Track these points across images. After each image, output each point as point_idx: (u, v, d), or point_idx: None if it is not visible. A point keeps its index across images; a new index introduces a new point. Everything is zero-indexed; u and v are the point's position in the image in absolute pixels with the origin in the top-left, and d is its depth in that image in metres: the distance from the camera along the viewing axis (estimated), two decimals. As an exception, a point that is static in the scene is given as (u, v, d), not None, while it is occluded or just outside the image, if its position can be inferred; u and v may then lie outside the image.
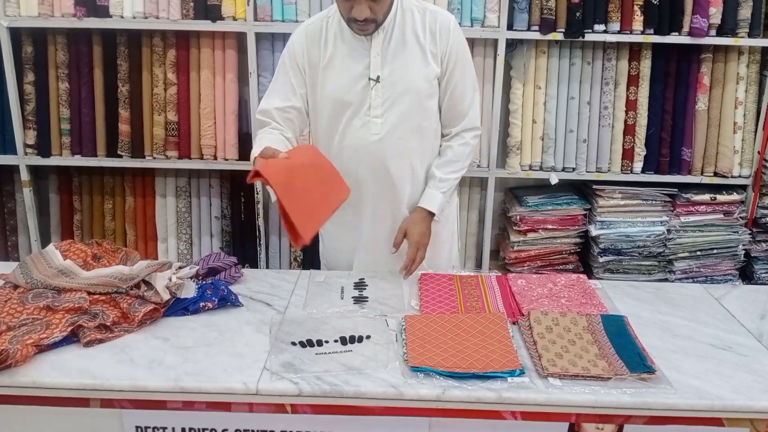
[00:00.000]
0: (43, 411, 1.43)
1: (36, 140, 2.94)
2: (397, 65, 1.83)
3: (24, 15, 2.79)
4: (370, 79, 1.83)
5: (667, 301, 1.82)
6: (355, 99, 1.85)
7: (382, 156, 1.89)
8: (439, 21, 1.85)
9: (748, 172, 2.92)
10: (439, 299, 1.76)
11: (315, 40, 1.87)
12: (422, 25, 1.85)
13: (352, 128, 1.87)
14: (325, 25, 1.87)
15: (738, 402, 1.37)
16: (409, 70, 1.84)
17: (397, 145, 1.89)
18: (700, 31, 2.74)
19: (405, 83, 1.84)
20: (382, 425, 1.41)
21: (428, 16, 1.85)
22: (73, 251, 1.80)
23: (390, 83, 1.83)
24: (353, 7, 1.71)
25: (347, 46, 1.84)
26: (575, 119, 2.90)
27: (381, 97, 1.84)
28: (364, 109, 1.85)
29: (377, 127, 1.86)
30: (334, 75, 1.85)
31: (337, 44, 1.85)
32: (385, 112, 1.85)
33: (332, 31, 1.86)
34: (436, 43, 1.85)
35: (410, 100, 1.85)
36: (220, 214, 3.10)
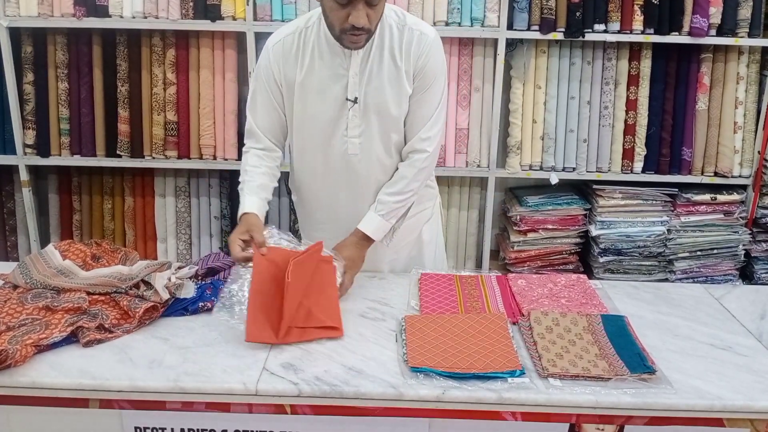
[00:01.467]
0: (42, 411, 1.43)
1: (35, 140, 2.94)
2: (374, 86, 1.77)
3: (24, 15, 2.79)
4: (348, 100, 1.78)
5: (668, 301, 1.81)
6: (332, 119, 1.80)
7: (359, 174, 1.86)
8: (416, 39, 1.76)
9: (749, 172, 2.92)
10: (439, 299, 1.75)
11: (291, 56, 1.79)
12: (399, 43, 1.76)
13: (330, 147, 1.84)
14: (303, 39, 1.79)
15: (738, 402, 1.37)
16: (385, 92, 1.78)
17: (375, 163, 1.86)
18: (700, 31, 2.74)
19: (381, 105, 1.79)
20: (382, 426, 1.41)
21: (407, 34, 1.76)
22: (72, 251, 1.79)
23: (366, 104, 1.79)
24: (350, 15, 1.61)
25: (325, 64, 1.77)
26: (575, 119, 2.90)
27: (358, 118, 1.80)
28: (341, 129, 1.81)
29: (354, 146, 1.82)
30: (311, 94, 1.79)
31: (314, 61, 1.78)
32: (362, 132, 1.82)
33: (310, 45, 1.78)
34: (411, 60, 1.77)
35: (386, 121, 1.81)
36: (219, 214, 3.10)
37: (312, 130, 1.84)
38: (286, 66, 1.80)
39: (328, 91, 1.79)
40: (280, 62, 1.80)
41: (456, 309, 1.70)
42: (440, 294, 1.79)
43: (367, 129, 1.82)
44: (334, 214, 1.94)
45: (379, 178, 1.89)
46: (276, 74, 1.82)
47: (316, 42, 1.78)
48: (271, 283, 1.59)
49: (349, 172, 1.87)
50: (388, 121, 1.82)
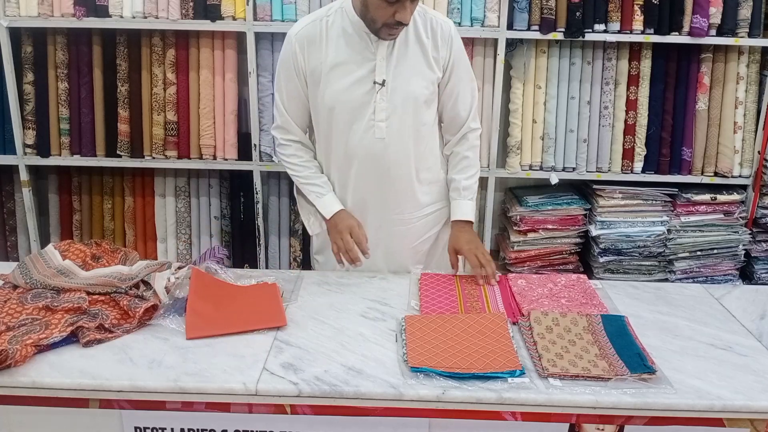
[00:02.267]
0: (42, 411, 1.43)
1: (35, 140, 2.94)
2: (401, 70, 1.83)
3: (24, 15, 2.78)
4: (376, 83, 1.82)
5: (668, 301, 1.81)
6: (359, 103, 1.84)
7: (385, 159, 1.89)
8: (441, 26, 1.86)
9: (749, 172, 2.92)
10: (439, 299, 1.75)
11: (315, 43, 1.84)
12: (424, 29, 1.85)
13: (356, 132, 1.87)
14: (326, 26, 1.84)
15: (738, 402, 1.37)
16: (412, 75, 1.84)
17: (400, 148, 1.89)
18: (700, 31, 2.74)
19: (408, 87, 1.84)
20: (382, 426, 1.41)
21: (429, 21, 1.86)
22: (72, 251, 1.79)
23: (394, 87, 1.83)
24: (397, 12, 1.68)
25: (352, 50, 1.82)
26: (575, 119, 2.90)
27: (385, 101, 1.84)
28: (368, 113, 1.85)
29: (381, 131, 1.86)
30: (338, 79, 1.83)
31: (340, 47, 1.83)
32: (389, 116, 1.85)
33: (334, 33, 1.83)
34: (438, 48, 1.85)
35: (413, 105, 1.86)
36: (219, 214, 3.10)
37: (339, 115, 1.87)
38: (310, 52, 1.84)
39: (356, 75, 1.83)
40: (305, 49, 1.84)
41: (456, 309, 1.71)
42: (440, 294, 1.79)
43: (393, 113, 1.85)
44: (361, 200, 1.96)
45: (405, 162, 1.92)
46: (301, 62, 1.85)
47: (341, 28, 1.82)
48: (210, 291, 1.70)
49: (376, 156, 1.89)
50: (415, 104, 1.86)
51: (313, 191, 1.95)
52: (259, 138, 2.91)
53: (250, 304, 1.68)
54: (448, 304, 1.73)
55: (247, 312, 1.64)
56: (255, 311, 1.65)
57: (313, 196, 1.95)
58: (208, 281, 1.73)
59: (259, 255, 3.07)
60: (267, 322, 1.60)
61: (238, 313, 1.64)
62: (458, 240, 1.93)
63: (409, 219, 1.99)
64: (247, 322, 1.60)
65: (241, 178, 3.00)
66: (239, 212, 3.07)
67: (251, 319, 1.61)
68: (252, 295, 1.73)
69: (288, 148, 1.98)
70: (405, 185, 1.95)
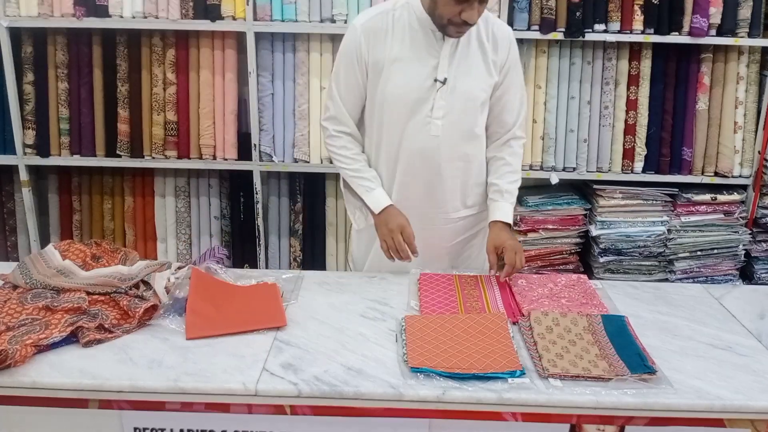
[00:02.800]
0: (42, 411, 1.43)
1: (35, 140, 2.94)
2: (462, 70, 1.84)
3: (24, 15, 2.78)
4: (437, 81, 1.83)
5: (668, 301, 1.81)
6: (418, 99, 1.84)
7: (437, 157, 1.89)
8: (501, 31, 1.88)
9: (749, 172, 2.92)
10: (438, 299, 1.75)
11: (380, 35, 1.84)
12: (486, 33, 1.86)
13: (411, 127, 1.87)
14: (392, 19, 1.84)
15: (738, 402, 1.37)
16: (472, 76, 1.85)
17: (453, 147, 1.89)
18: (700, 31, 2.74)
19: (468, 88, 1.85)
20: (382, 426, 1.41)
21: (491, 25, 1.87)
22: (72, 251, 1.79)
23: (454, 87, 1.84)
24: (464, 11, 1.68)
25: (416, 46, 1.82)
26: (575, 119, 2.90)
27: (444, 99, 1.84)
28: (426, 110, 1.85)
29: (437, 128, 1.86)
30: (399, 73, 1.83)
31: (405, 41, 1.83)
32: (446, 114, 1.85)
33: (400, 27, 1.83)
34: (497, 51, 1.86)
35: (471, 105, 1.87)
36: (219, 214, 3.10)
37: (396, 109, 1.87)
38: (375, 44, 1.84)
39: (418, 71, 1.83)
40: (370, 40, 1.84)
41: (456, 309, 1.70)
42: (440, 294, 1.79)
43: (450, 111, 1.85)
44: (406, 196, 1.95)
45: (456, 162, 1.92)
46: (364, 52, 1.85)
47: (407, 23, 1.83)
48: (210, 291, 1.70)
49: (428, 153, 1.89)
50: (472, 105, 1.87)
51: (363, 185, 1.93)
52: (259, 138, 2.91)
53: (250, 304, 1.68)
54: (448, 304, 1.73)
55: (247, 312, 1.64)
56: (255, 311, 1.65)
57: (362, 189, 1.93)
58: (208, 281, 1.73)
59: (259, 255, 3.07)
60: (267, 322, 1.60)
61: (238, 313, 1.64)
62: (500, 237, 1.90)
63: (451, 218, 1.99)
64: (247, 322, 1.60)
65: (241, 178, 3.00)
66: (239, 212, 3.07)
67: (251, 319, 1.61)
68: (252, 295, 1.73)
69: (339, 139, 1.95)
70: (452, 185, 1.95)
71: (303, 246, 3.09)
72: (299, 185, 3.03)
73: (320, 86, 2.87)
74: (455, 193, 1.97)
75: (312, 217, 3.06)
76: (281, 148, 2.93)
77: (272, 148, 2.92)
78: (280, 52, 2.86)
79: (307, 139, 2.92)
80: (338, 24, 2.77)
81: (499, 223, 1.93)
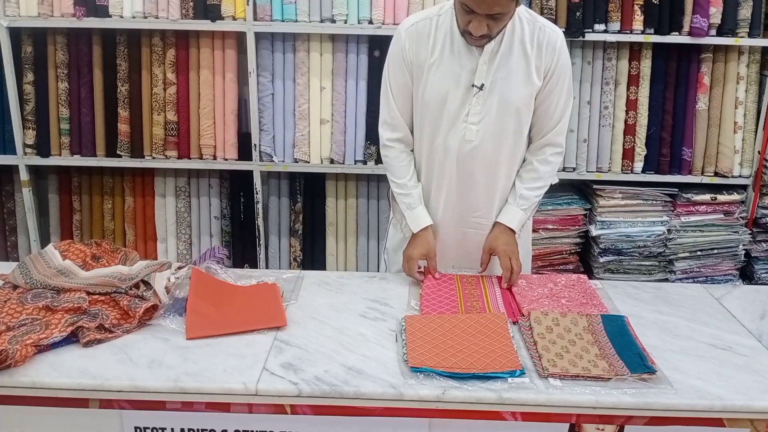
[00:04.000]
0: (43, 411, 1.43)
1: (35, 140, 2.94)
2: (501, 75, 1.81)
3: (24, 15, 2.78)
4: (474, 86, 1.81)
5: (668, 301, 1.81)
6: (455, 103, 1.83)
7: (471, 163, 1.89)
8: (548, 36, 1.81)
9: (749, 172, 2.92)
10: (439, 299, 1.75)
11: (424, 39, 1.84)
12: (531, 37, 1.81)
13: (447, 131, 1.86)
14: (435, 24, 1.84)
15: (738, 402, 1.37)
16: (512, 82, 1.82)
17: (489, 154, 1.88)
18: (700, 31, 2.74)
19: (506, 94, 1.82)
20: (382, 426, 1.41)
21: (537, 30, 1.81)
22: (72, 251, 1.79)
23: (491, 92, 1.82)
24: (471, 22, 1.68)
25: (456, 50, 1.81)
26: (575, 119, 2.90)
27: (480, 105, 1.83)
28: (462, 115, 1.84)
29: (472, 133, 1.85)
30: (438, 77, 1.83)
31: (445, 46, 1.82)
32: (482, 119, 1.84)
33: (442, 31, 1.83)
34: (542, 57, 1.81)
35: (508, 112, 1.84)
36: (219, 214, 3.10)
37: (434, 112, 1.86)
38: (419, 47, 1.84)
39: (456, 74, 1.82)
40: (414, 43, 1.84)
41: (456, 309, 1.70)
42: (440, 294, 1.79)
43: (487, 117, 1.84)
44: (442, 198, 1.95)
45: (491, 167, 1.91)
46: (409, 55, 1.85)
47: (449, 29, 1.82)
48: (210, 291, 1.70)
49: (464, 158, 1.88)
50: (509, 111, 1.84)
51: (405, 202, 1.94)
52: (259, 138, 2.91)
53: (250, 304, 1.68)
54: (448, 304, 1.73)
55: (247, 312, 1.64)
56: (255, 311, 1.65)
57: (404, 206, 1.94)
58: (208, 281, 1.73)
59: (259, 255, 3.07)
60: (267, 322, 1.60)
61: (238, 313, 1.64)
62: (496, 240, 1.90)
63: (484, 224, 1.97)
64: (247, 322, 1.60)
65: (241, 178, 3.01)
66: (239, 212, 3.07)
67: (251, 319, 1.61)
68: (252, 295, 1.73)
69: (392, 150, 1.95)
70: (487, 190, 1.93)
71: (303, 246, 3.09)
72: (299, 185, 3.03)
73: (320, 86, 2.87)
74: (488, 199, 1.95)
75: (312, 217, 3.06)
76: (281, 148, 2.93)
77: (272, 148, 2.92)
78: (280, 52, 2.86)
79: (307, 139, 2.92)
80: (338, 24, 2.77)
81: (501, 225, 1.93)
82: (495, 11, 1.63)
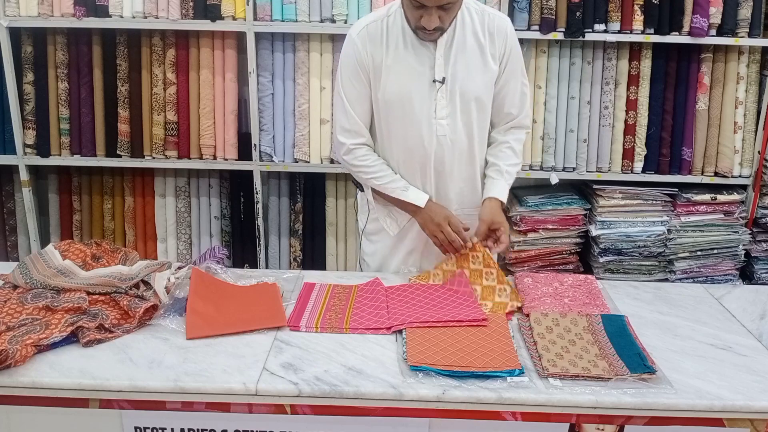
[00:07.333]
0: (42, 411, 1.43)
1: (35, 140, 2.94)
2: (459, 67, 1.84)
3: (24, 15, 2.79)
4: (435, 81, 1.83)
5: (668, 301, 1.81)
6: (420, 100, 1.84)
7: (447, 156, 1.90)
8: (497, 23, 1.86)
9: (749, 172, 2.92)
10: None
11: (377, 40, 1.84)
12: (481, 26, 1.85)
13: (418, 129, 1.87)
14: (386, 25, 1.85)
15: (738, 402, 1.37)
16: (472, 73, 1.84)
17: (463, 146, 1.90)
18: (700, 31, 2.74)
19: (468, 85, 1.84)
20: (382, 426, 1.41)
21: (487, 18, 1.86)
22: (72, 251, 1.79)
23: (453, 85, 1.84)
24: (422, 17, 1.70)
25: (411, 48, 1.83)
26: (575, 119, 2.90)
27: (446, 99, 1.84)
28: (430, 111, 1.85)
29: (443, 128, 1.86)
30: (398, 76, 1.84)
31: (399, 45, 1.84)
32: (450, 113, 1.86)
33: (394, 31, 1.84)
34: (495, 43, 1.85)
35: (474, 102, 1.86)
36: (219, 214, 3.10)
37: (400, 112, 1.87)
38: (374, 48, 1.84)
39: (415, 72, 1.83)
40: (367, 46, 1.85)
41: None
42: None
43: (454, 110, 1.86)
44: None
45: (467, 159, 1.93)
46: (364, 58, 1.85)
47: (401, 27, 1.84)
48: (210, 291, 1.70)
49: (438, 153, 1.89)
50: (475, 102, 1.87)
51: (398, 187, 1.91)
52: (259, 138, 2.91)
53: (250, 304, 1.68)
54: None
55: (247, 312, 1.64)
56: (255, 311, 1.65)
57: (398, 192, 1.91)
58: (208, 281, 1.73)
59: (259, 255, 3.07)
60: (267, 322, 1.60)
61: (238, 313, 1.64)
62: (495, 215, 1.88)
63: (469, 214, 1.98)
64: (247, 322, 1.60)
65: (241, 178, 3.01)
66: (239, 212, 3.07)
67: (251, 319, 1.61)
68: (252, 295, 1.73)
69: (358, 151, 1.93)
70: (466, 182, 1.96)
71: (303, 246, 3.09)
72: (299, 185, 3.03)
73: (320, 86, 2.87)
74: (468, 190, 1.97)
75: (312, 217, 3.06)
76: (281, 148, 2.93)
77: (272, 148, 2.92)
78: (280, 52, 2.86)
79: (307, 139, 2.92)
80: (338, 24, 2.77)
81: (495, 200, 1.92)
82: (444, 2, 1.66)
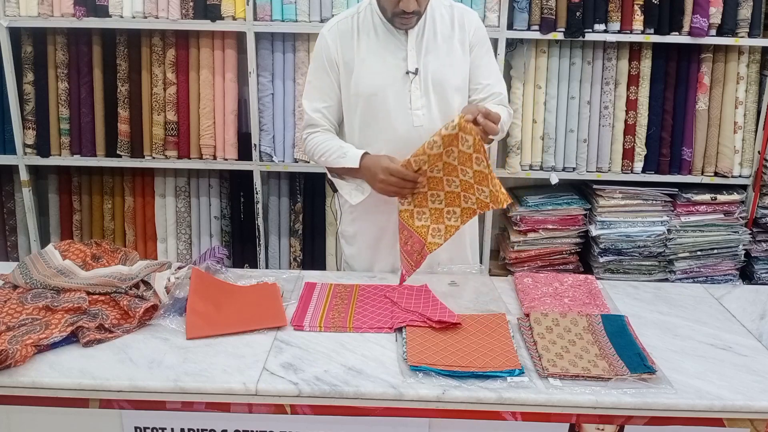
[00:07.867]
0: (42, 411, 1.43)
1: (35, 140, 2.94)
2: (431, 57, 1.87)
3: (24, 15, 2.79)
4: (409, 72, 1.85)
5: (668, 301, 1.81)
6: (395, 92, 1.86)
7: None
8: (466, 15, 1.93)
9: (749, 171, 2.92)
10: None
11: (347, 36, 1.88)
12: (450, 17, 1.90)
13: (394, 121, 1.88)
14: (356, 21, 1.89)
15: (738, 402, 1.37)
16: (442, 62, 1.88)
17: None
18: (700, 31, 2.74)
19: (440, 74, 1.87)
20: (382, 426, 1.41)
21: (455, 11, 1.92)
22: (72, 251, 1.79)
23: (426, 76, 1.86)
24: (401, 1, 1.74)
25: (383, 42, 1.86)
26: (575, 119, 2.90)
27: (420, 90, 1.86)
28: (405, 102, 1.87)
29: (419, 119, 1.88)
30: (372, 69, 1.86)
31: (370, 40, 1.87)
32: (425, 104, 1.88)
33: (364, 27, 1.88)
34: (465, 32, 1.91)
35: (448, 92, 1.89)
36: (219, 214, 3.10)
37: (376, 105, 1.88)
38: (343, 45, 1.88)
39: (389, 65, 1.86)
40: (338, 42, 1.88)
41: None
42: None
43: (429, 100, 1.88)
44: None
45: None
46: (334, 54, 1.88)
47: (371, 22, 1.87)
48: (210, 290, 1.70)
49: (415, 144, 1.83)
50: (448, 90, 1.89)
51: (339, 155, 1.87)
52: (259, 138, 2.91)
53: (250, 304, 1.68)
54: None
55: (247, 312, 1.64)
56: (255, 311, 1.65)
57: (339, 160, 1.87)
58: (208, 281, 1.73)
59: (259, 255, 3.07)
60: (267, 322, 1.60)
61: (239, 313, 1.64)
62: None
63: None
64: (247, 322, 1.60)
65: (241, 178, 3.01)
66: (239, 212, 3.07)
67: (251, 319, 1.61)
68: (252, 295, 1.73)
69: (316, 134, 1.93)
70: None
71: (303, 246, 3.09)
72: (299, 185, 3.03)
73: (320, 86, 2.87)
74: None
75: (312, 217, 3.06)
76: (281, 148, 2.93)
77: (272, 148, 2.92)
78: (280, 52, 2.86)
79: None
80: (338, 24, 2.77)
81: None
82: None
